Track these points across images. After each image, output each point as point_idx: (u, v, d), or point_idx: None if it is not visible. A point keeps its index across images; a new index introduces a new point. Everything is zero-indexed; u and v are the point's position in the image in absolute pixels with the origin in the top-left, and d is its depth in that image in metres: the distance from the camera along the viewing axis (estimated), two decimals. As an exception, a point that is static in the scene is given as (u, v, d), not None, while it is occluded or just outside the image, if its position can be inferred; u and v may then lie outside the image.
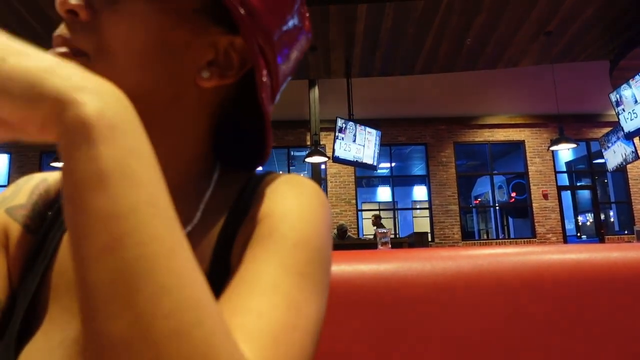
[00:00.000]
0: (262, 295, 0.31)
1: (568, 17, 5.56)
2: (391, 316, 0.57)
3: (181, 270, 0.23)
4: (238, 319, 0.29)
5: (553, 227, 9.57)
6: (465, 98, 8.82)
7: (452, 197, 9.58)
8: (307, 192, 0.40)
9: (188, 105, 0.40)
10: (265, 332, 0.28)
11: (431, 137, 9.73)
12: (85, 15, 0.35)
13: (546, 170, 9.79)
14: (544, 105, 8.94)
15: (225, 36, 0.39)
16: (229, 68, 0.40)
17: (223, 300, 0.31)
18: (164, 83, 0.38)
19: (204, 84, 0.39)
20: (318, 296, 0.34)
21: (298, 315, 0.31)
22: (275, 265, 0.33)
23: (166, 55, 0.37)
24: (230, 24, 0.39)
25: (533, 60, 6.69)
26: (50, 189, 0.46)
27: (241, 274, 0.33)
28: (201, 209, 0.42)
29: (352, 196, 9.42)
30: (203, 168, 0.44)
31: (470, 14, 5.44)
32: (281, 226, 0.36)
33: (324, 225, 0.38)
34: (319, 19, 5.39)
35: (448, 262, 0.61)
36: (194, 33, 0.38)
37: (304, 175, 4.60)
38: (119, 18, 0.35)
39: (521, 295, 0.58)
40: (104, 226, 0.22)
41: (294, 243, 0.35)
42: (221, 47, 0.39)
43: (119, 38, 0.35)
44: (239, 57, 0.40)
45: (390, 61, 6.59)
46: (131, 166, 0.24)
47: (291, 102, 7.95)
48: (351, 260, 0.61)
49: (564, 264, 0.60)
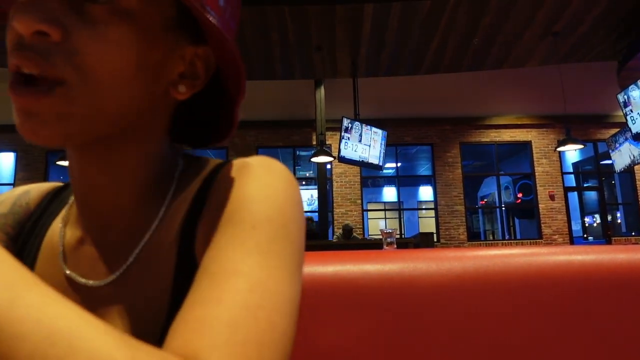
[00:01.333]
0: (222, 281, 0.30)
1: (575, 18, 5.53)
2: (396, 316, 0.57)
3: (33, 310, 0.23)
4: (198, 310, 0.29)
5: (559, 228, 9.50)
6: (471, 98, 8.78)
7: (458, 197, 9.54)
8: (267, 172, 0.39)
9: (159, 114, 0.41)
10: (222, 318, 0.28)
11: (437, 137, 9.69)
12: (59, 36, 0.32)
13: (553, 171, 9.72)
14: (550, 105, 8.88)
15: (189, 47, 0.39)
16: (196, 77, 0.40)
17: (189, 294, 0.31)
18: (144, 101, 0.38)
19: (179, 97, 0.40)
20: (288, 273, 0.33)
21: (264, 295, 0.30)
22: (235, 249, 0.32)
23: (145, 76, 0.37)
24: (194, 34, 0.39)
25: (540, 60, 6.65)
26: (30, 201, 0.47)
27: (204, 265, 0.33)
28: (165, 204, 0.41)
29: (358, 196, 9.40)
30: (168, 165, 0.44)
31: (476, 14, 5.41)
32: (239, 209, 0.35)
33: (289, 202, 0.37)
34: (325, 18, 5.39)
35: (454, 262, 0.61)
36: (167, 49, 0.38)
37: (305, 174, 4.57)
38: (99, 41, 0.33)
39: (527, 297, 0.58)
40: None
41: (253, 224, 0.34)
42: (187, 58, 0.40)
43: (102, 64, 0.33)
44: (203, 66, 0.40)
45: (397, 61, 6.58)
46: None
47: (297, 102, 7.96)
48: (356, 260, 0.61)
49: (571, 265, 0.60)
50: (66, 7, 0.33)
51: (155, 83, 0.38)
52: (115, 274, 0.39)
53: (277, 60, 6.39)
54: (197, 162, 0.45)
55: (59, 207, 0.46)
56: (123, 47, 0.34)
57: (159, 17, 0.37)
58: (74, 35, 0.33)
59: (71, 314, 0.24)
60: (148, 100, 0.38)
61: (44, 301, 0.24)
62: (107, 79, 0.34)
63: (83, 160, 0.39)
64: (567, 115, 8.00)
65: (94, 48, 0.33)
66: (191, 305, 0.29)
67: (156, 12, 0.36)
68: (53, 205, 0.47)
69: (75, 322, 0.23)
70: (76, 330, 0.23)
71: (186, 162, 0.45)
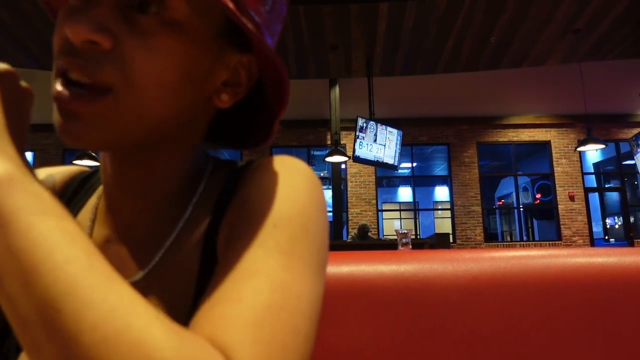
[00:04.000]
0: (243, 280, 0.30)
1: (597, 15, 5.41)
2: (411, 318, 0.57)
3: (99, 284, 0.24)
4: (219, 308, 0.29)
5: (580, 229, 9.32)
6: (488, 97, 8.67)
7: (475, 198, 9.43)
8: (290, 172, 0.38)
9: (199, 121, 0.41)
10: (246, 316, 0.28)
11: (453, 137, 9.59)
12: (109, 44, 0.33)
13: (573, 171, 9.53)
14: (571, 104, 8.71)
15: (234, 55, 0.40)
16: (239, 85, 0.40)
17: (208, 291, 0.31)
18: (189, 110, 0.39)
19: (222, 105, 0.40)
20: (309, 274, 0.32)
21: (286, 296, 0.30)
22: (255, 248, 0.32)
23: (191, 85, 0.37)
24: (239, 43, 0.39)
25: (560, 59, 6.53)
26: (56, 184, 0.48)
27: (223, 263, 0.33)
28: (193, 202, 0.42)
29: (373, 196, 9.37)
30: (198, 168, 0.44)
31: (494, 12, 5.34)
32: (260, 209, 0.35)
33: (311, 202, 0.37)
34: (340, 18, 5.38)
35: (470, 264, 0.60)
36: (214, 59, 0.38)
37: (320, 174, 4.60)
38: (148, 50, 0.34)
39: (546, 300, 0.57)
40: (18, 261, 0.24)
41: (274, 224, 0.34)
42: (231, 66, 0.40)
43: (148, 72, 0.34)
44: (246, 74, 0.41)
45: (412, 60, 6.53)
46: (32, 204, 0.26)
47: (312, 101, 7.97)
48: (371, 260, 0.61)
49: (591, 268, 0.59)
50: (117, 16, 0.33)
51: (200, 92, 0.38)
52: (141, 274, 0.40)
53: (291, 60, 6.41)
54: (225, 164, 0.46)
55: (85, 196, 0.47)
56: (171, 58, 0.34)
57: (207, 27, 0.37)
58: (124, 44, 0.33)
59: (130, 292, 0.25)
60: (190, 108, 0.39)
61: (110, 276, 0.25)
62: (154, 88, 0.34)
63: (117, 161, 0.40)
64: (588, 115, 7.84)
65: (142, 58, 0.33)
66: (212, 303, 0.29)
67: (204, 22, 0.36)
68: (80, 193, 0.47)
69: (133, 301, 0.25)
70: (134, 308, 0.24)
71: (215, 164, 0.45)
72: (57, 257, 0.24)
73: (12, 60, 6.08)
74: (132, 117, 0.34)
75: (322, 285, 0.34)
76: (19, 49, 5.79)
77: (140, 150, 0.39)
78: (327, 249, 0.37)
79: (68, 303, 0.23)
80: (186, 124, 0.40)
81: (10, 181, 0.26)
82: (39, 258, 0.24)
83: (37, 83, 3.24)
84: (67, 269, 0.24)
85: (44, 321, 0.23)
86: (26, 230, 0.25)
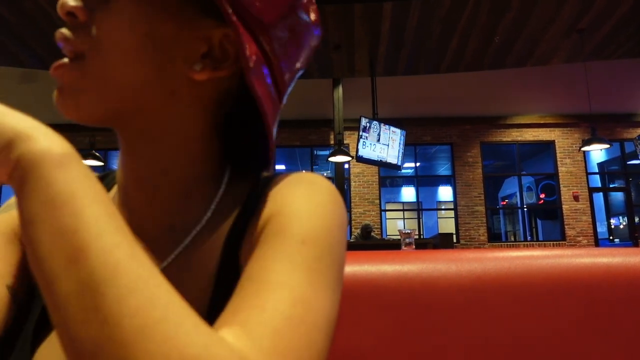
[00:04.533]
0: (267, 291, 0.31)
1: (602, 14, 5.38)
2: (415, 318, 0.57)
3: (142, 272, 0.25)
4: (241, 316, 0.29)
5: (584, 229, 9.27)
6: (492, 97, 8.64)
7: (479, 197, 9.40)
8: (317, 189, 0.39)
9: (183, 101, 0.40)
10: (266, 325, 0.28)
11: (457, 136, 9.57)
12: (83, 15, 0.37)
13: (577, 171, 9.49)
14: (575, 104, 8.67)
15: (218, 29, 0.39)
16: (223, 60, 0.39)
17: (231, 299, 0.31)
18: (157, 78, 0.38)
19: (196, 77, 0.39)
20: (330, 292, 0.33)
21: (306, 310, 0.30)
22: (282, 262, 0.33)
23: (156, 50, 0.37)
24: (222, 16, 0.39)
25: (564, 58, 6.50)
26: None
27: (248, 273, 0.33)
28: (211, 209, 0.42)
29: (376, 196, 9.36)
30: (211, 170, 0.44)
31: (498, 11, 5.32)
32: (289, 223, 0.36)
33: (336, 221, 0.38)
34: (343, 17, 5.38)
35: (474, 264, 0.60)
36: (181, 26, 0.38)
37: (323, 174, 4.56)
38: (109, 15, 0.37)
39: (549, 300, 0.57)
40: (67, 240, 0.24)
41: (303, 239, 0.34)
42: (215, 40, 0.39)
43: (109, 35, 0.36)
44: (235, 49, 0.39)
45: (416, 60, 6.52)
46: (84, 187, 0.27)
47: (315, 101, 7.97)
48: (374, 260, 0.61)
49: (596, 268, 0.58)
50: None
51: (166, 59, 0.38)
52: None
53: (295, 60, 6.39)
54: (244, 172, 0.46)
55: None
56: (130, 21, 0.37)
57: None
58: (95, 14, 0.37)
59: (168, 285, 0.26)
60: (163, 79, 0.38)
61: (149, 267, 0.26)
62: (116, 51, 0.36)
63: (124, 151, 0.42)
64: (593, 114, 7.80)
65: (105, 22, 0.36)
66: (234, 310, 0.30)
67: None
68: None
69: (170, 294, 0.25)
70: (171, 301, 0.25)
71: (232, 171, 0.46)
72: (106, 241, 0.25)
73: (15, 59, 6.11)
74: (101, 81, 0.37)
75: (339, 303, 0.35)
76: (23, 48, 5.81)
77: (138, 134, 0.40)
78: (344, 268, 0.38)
79: (113, 287, 0.23)
80: (165, 99, 0.39)
81: (69, 161, 0.27)
82: (89, 240, 0.25)
83: (40, 83, 3.25)
84: (114, 254, 0.25)
85: (85, 302, 0.23)
86: (80, 211, 0.25)
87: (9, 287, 0.39)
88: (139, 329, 0.23)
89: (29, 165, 0.26)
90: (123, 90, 0.37)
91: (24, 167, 0.26)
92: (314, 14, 0.43)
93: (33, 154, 0.26)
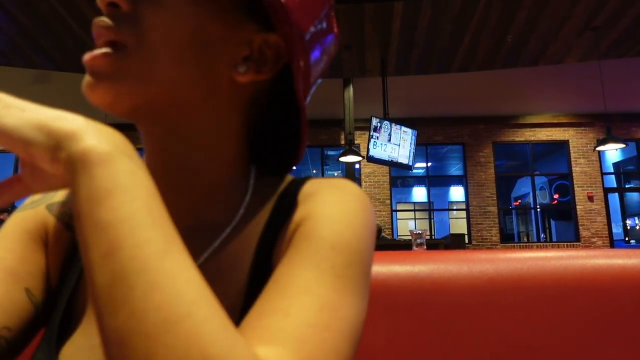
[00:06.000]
0: (293, 296, 0.31)
1: (617, 11, 5.29)
2: (426, 319, 0.56)
3: (172, 268, 0.25)
4: (265, 320, 0.29)
5: (599, 230, 9.13)
6: (505, 96, 8.55)
7: (491, 198, 9.32)
8: (348, 195, 0.39)
9: (222, 101, 0.41)
10: (290, 331, 0.28)
11: (469, 136, 9.49)
12: (127, 6, 0.37)
13: (592, 171, 9.35)
14: (590, 103, 8.54)
15: (260, 33, 0.40)
16: (263, 64, 0.41)
17: (257, 302, 0.31)
18: (200, 77, 0.39)
19: (239, 79, 0.40)
20: (357, 299, 0.33)
21: (332, 317, 0.30)
22: (310, 267, 0.33)
23: (202, 50, 0.38)
24: (264, 21, 0.40)
25: (578, 57, 6.40)
26: None
27: (276, 277, 0.33)
28: (240, 212, 0.42)
29: (387, 196, 9.32)
30: (240, 170, 0.44)
31: (511, 10, 5.26)
32: (319, 229, 0.36)
33: (366, 228, 0.38)
34: (354, 17, 5.37)
35: (486, 264, 0.59)
36: (229, 29, 0.39)
37: (333, 174, 4.57)
38: (159, 10, 0.37)
39: (563, 302, 0.56)
40: (104, 233, 0.26)
41: (332, 245, 0.34)
42: (255, 44, 0.40)
43: (158, 30, 0.37)
44: (273, 54, 0.41)
45: (427, 59, 6.48)
46: (126, 183, 0.27)
47: (325, 101, 7.96)
48: (385, 261, 0.61)
49: (611, 269, 0.57)
50: None
51: (211, 59, 0.39)
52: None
53: (306, 60, 6.39)
54: (267, 174, 0.46)
55: None
56: (180, 19, 0.37)
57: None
58: (140, 5, 0.37)
59: (198, 282, 0.26)
60: (206, 79, 0.39)
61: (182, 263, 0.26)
62: (162, 46, 0.37)
63: (152, 151, 0.42)
64: (608, 114, 7.68)
65: (153, 16, 0.37)
66: (259, 314, 0.30)
67: None
68: None
69: (199, 291, 0.26)
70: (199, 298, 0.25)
71: (258, 173, 0.46)
72: (139, 236, 0.26)
73: (29, 61, 6.21)
74: (143, 74, 0.37)
75: (365, 310, 0.35)
76: (37, 51, 5.91)
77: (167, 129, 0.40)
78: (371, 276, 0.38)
79: (140, 281, 0.24)
80: (205, 98, 0.40)
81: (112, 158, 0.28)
82: (124, 234, 0.25)
83: (53, 84, 3.29)
84: (145, 249, 0.25)
85: (116, 294, 0.24)
86: (117, 206, 0.26)
87: (28, 289, 0.40)
88: (163, 323, 0.23)
89: (75, 163, 0.27)
90: (164, 85, 0.38)
91: (72, 165, 0.27)
92: (335, 26, 0.46)
93: (79, 152, 0.27)
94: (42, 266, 0.42)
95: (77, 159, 0.27)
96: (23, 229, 0.43)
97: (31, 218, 0.44)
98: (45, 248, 0.43)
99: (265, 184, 0.45)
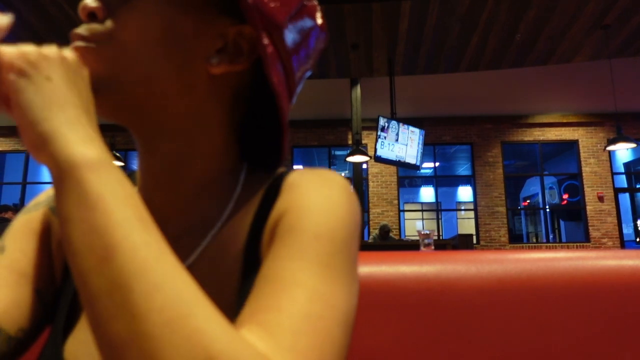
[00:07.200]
0: (283, 290, 0.31)
1: (627, 10, 5.22)
2: (433, 320, 0.56)
3: (169, 270, 0.26)
4: (258, 317, 0.30)
5: (609, 231, 9.03)
6: (513, 96, 8.49)
7: (499, 198, 9.25)
8: (330, 185, 0.39)
9: (202, 95, 0.41)
10: (285, 325, 0.29)
11: (477, 136, 9.43)
12: (103, 15, 0.38)
13: (602, 171, 9.25)
14: (600, 102, 8.45)
15: (233, 26, 0.40)
16: (238, 55, 0.41)
17: (248, 300, 0.32)
18: (175, 72, 0.39)
19: (213, 70, 0.40)
20: (346, 287, 0.34)
21: (323, 306, 0.31)
22: (295, 259, 0.33)
23: (175, 45, 0.39)
24: (237, 14, 0.40)
25: (588, 56, 6.34)
26: None
27: (264, 272, 0.33)
28: (230, 207, 0.42)
29: (394, 196, 9.30)
30: (228, 166, 0.44)
31: (519, 8, 5.22)
32: (302, 220, 0.36)
33: (349, 217, 0.38)
34: (361, 16, 5.36)
35: (494, 265, 0.59)
36: (201, 23, 0.40)
37: (341, 174, 4.58)
38: (131, 11, 0.38)
39: (573, 303, 0.55)
40: (99, 238, 0.26)
41: (316, 235, 0.35)
42: (230, 37, 0.40)
43: (130, 29, 0.38)
44: (248, 45, 0.41)
45: (435, 59, 6.45)
46: (118, 190, 0.28)
47: (332, 101, 7.96)
48: (393, 261, 0.60)
49: (621, 270, 0.57)
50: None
51: (184, 54, 0.39)
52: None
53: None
54: (259, 169, 0.46)
55: None
56: (150, 16, 0.38)
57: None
58: (116, 12, 0.38)
59: (194, 283, 0.27)
60: (182, 74, 0.39)
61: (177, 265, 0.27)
62: (133, 44, 0.38)
63: (143, 151, 0.42)
64: (618, 113, 7.59)
65: (124, 15, 0.38)
66: (252, 311, 0.31)
67: None
68: None
69: (197, 292, 0.26)
70: (198, 299, 0.26)
71: (248, 168, 0.46)
72: (135, 240, 0.26)
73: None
74: (113, 66, 0.38)
75: (356, 297, 0.35)
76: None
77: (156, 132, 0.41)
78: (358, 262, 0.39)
79: (141, 283, 0.25)
80: (183, 94, 0.40)
81: (100, 165, 0.29)
82: (120, 237, 0.26)
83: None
84: (142, 252, 0.26)
85: (115, 297, 0.24)
86: (111, 211, 0.27)
87: (40, 291, 0.41)
88: (166, 323, 0.24)
89: (64, 167, 0.28)
90: (140, 83, 0.38)
91: (60, 168, 0.28)
92: (320, 19, 0.45)
93: (68, 156, 0.28)
94: (49, 267, 0.43)
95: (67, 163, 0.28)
96: (31, 230, 0.44)
97: (37, 219, 0.45)
98: (51, 249, 0.44)
99: (256, 179, 0.45)
